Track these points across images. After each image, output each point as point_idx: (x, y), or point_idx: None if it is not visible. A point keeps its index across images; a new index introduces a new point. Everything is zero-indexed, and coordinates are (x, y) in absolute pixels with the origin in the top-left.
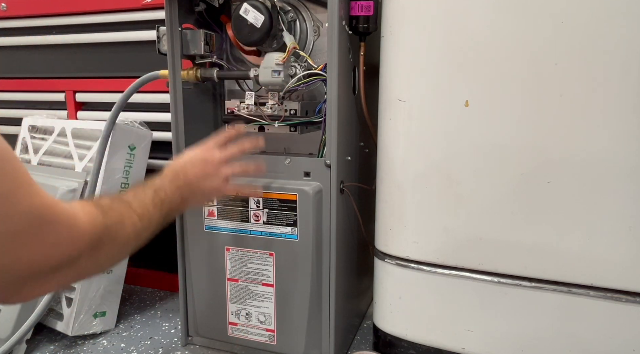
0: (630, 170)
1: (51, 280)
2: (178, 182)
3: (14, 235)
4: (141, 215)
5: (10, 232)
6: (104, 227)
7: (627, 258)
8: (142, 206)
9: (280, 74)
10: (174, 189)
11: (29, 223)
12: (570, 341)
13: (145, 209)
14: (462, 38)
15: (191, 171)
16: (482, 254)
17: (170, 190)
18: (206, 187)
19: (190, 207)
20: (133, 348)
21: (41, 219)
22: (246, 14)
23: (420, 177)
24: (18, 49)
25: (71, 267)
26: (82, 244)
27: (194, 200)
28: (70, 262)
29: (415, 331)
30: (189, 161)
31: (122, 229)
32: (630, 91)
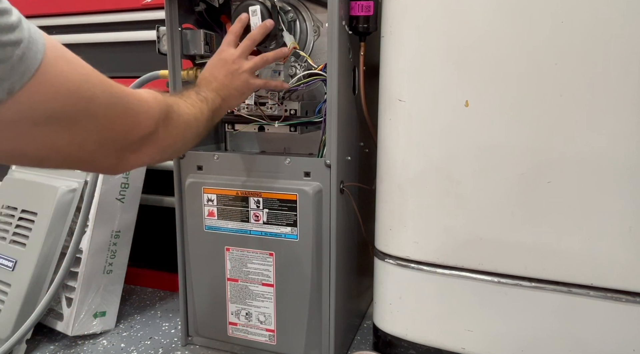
0: (630, 170)
1: (144, 149)
2: (212, 85)
3: (107, 116)
4: (192, 104)
5: (103, 115)
6: (167, 105)
7: (627, 258)
8: (191, 100)
9: (280, 74)
10: (211, 91)
11: (115, 106)
12: (570, 341)
13: (194, 102)
14: (462, 38)
15: (218, 73)
16: (482, 254)
17: (209, 93)
18: (237, 84)
19: (230, 107)
20: (133, 348)
21: (120, 101)
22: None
23: (420, 177)
24: None
25: (153, 138)
26: (156, 116)
27: (231, 98)
28: (152, 134)
29: (415, 331)
30: (212, 67)
31: (182, 109)
32: (630, 91)
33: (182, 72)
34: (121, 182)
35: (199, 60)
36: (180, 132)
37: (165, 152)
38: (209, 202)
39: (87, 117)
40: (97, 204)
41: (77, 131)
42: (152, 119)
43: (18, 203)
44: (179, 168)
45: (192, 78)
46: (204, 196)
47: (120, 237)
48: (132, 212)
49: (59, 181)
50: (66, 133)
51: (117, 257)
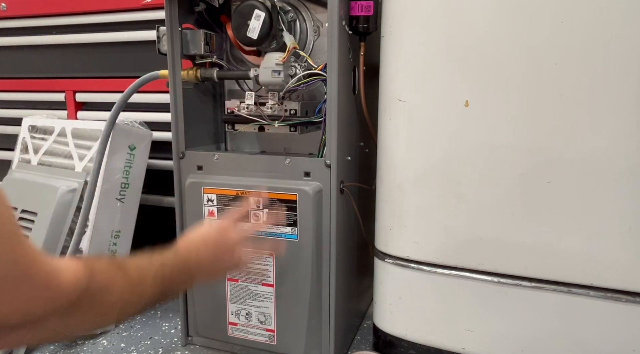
0: (630, 170)
1: (13, 334)
2: (189, 263)
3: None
4: (134, 287)
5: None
6: (84, 291)
7: (627, 258)
8: (140, 278)
9: (280, 74)
10: (182, 268)
11: (5, 273)
12: (570, 341)
13: (142, 282)
14: (462, 38)
15: (204, 254)
16: (482, 254)
17: (178, 269)
18: (218, 269)
19: (210, 280)
20: (133, 348)
21: (19, 270)
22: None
23: (421, 177)
24: (18, 49)
25: (38, 325)
26: (57, 303)
27: (204, 279)
28: (39, 320)
29: (415, 331)
30: (202, 243)
31: (106, 296)
32: (630, 91)
33: (182, 72)
34: (121, 182)
35: (199, 60)
36: (83, 323)
37: (45, 340)
38: (209, 202)
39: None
40: (97, 204)
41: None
42: (47, 306)
43: (18, 203)
44: (179, 168)
45: (192, 78)
46: (204, 196)
47: (120, 237)
48: (132, 212)
49: (59, 181)
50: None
51: (117, 257)
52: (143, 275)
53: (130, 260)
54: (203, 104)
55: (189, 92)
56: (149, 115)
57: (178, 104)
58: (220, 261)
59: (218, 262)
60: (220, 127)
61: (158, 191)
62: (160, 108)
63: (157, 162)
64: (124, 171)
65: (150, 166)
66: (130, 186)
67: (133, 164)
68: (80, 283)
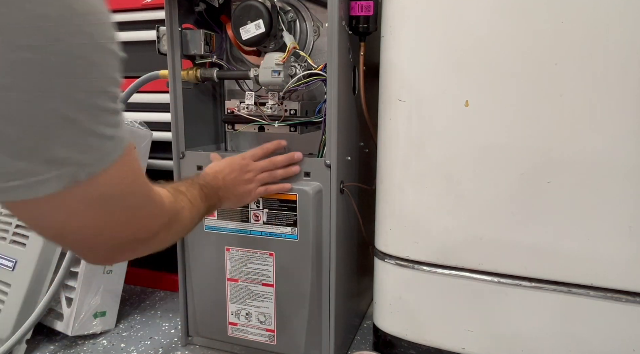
0: (630, 170)
1: (136, 249)
2: (217, 182)
3: (131, 209)
4: (193, 205)
5: (130, 207)
6: (175, 211)
7: (627, 258)
8: (194, 198)
9: (280, 74)
10: (214, 188)
11: (140, 202)
12: (570, 341)
13: (195, 201)
14: (462, 38)
15: (228, 176)
16: (482, 254)
17: (210, 189)
18: (239, 192)
19: (225, 206)
20: (133, 348)
21: (146, 199)
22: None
23: (421, 177)
24: None
25: (152, 240)
26: (164, 221)
27: (229, 201)
28: (154, 235)
29: (415, 331)
30: (227, 166)
31: (184, 214)
32: (630, 91)
33: (182, 72)
34: None
35: (199, 60)
36: (174, 236)
37: (151, 250)
38: None
39: (124, 209)
40: None
41: (112, 219)
42: (158, 225)
43: None
44: (179, 168)
45: (192, 78)
46: None
47: None
48: None
49: None
50: (103, 219)
51: (173, 184)
52: (194, 196)
53: (182, 185)
54: (203, 104)
55: (189, 92)
56: (149, 115)
57: (178, 104)
58: (242, 183)
59: (240, 183)
60: (220, 127)
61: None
62: (160, 108)
63: (157, 162)
64: None
65: (150, 166)
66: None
67: None
68: (172, 205)
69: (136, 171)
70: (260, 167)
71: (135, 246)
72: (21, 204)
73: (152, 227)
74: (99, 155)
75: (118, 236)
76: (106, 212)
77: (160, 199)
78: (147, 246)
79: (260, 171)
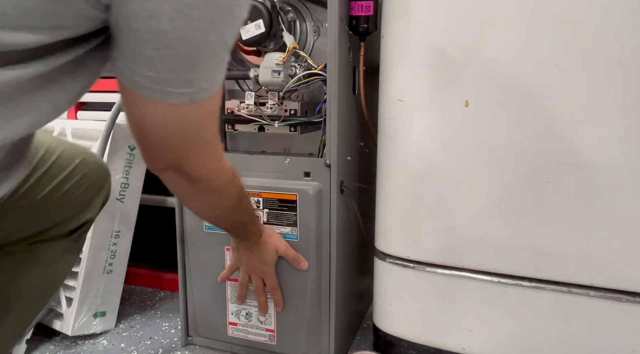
0: (630, 170)
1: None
2: (260, 231)
3: (204, 140)
4: (244, 192)
5: (204, 138)
6: (235, 173)
7: (627, 258)
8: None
9: (280, 74)
10: (258, 227)
11: (212, 137)
12: (570, 341)
13: (247, 195)
14: (462, 38)
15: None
16: (482, 254)
17: (258, 224)
18: (254, 261)
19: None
20: (133, 348)
21: (216, 137)
22: (247, 30)
23: (421, 177)
24: None
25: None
26: (222, 167)
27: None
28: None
29: (415, 331)
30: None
31: (237, 182)
32: (630, 91)
33: None
34: (121, 182)
35: None
36: (223, 192)
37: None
38: None
39: (198, 137)
40: None
41: (188, 138)
42: (215, 166)
43: None
44: None
45: None
46: None
47: (120, 237)
48: (132, 212)
49: None
50: (184, 135)
51: (117, 257)
52: (249, 199)
53: None
54: None
55: None
56: None
57: None
58: (258, 263)
59: (257, 261)
60: (220, 127)
61: (158, 191)
62: None
63: None
64: (124, 171)
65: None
66: (130, 186)
67: (133, 164)
68: (234, 169)
69: (219, 108)
70: (272, 284)
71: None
72: (146, 100)
73: (209, 163)
74: (213, 85)
75: (178, 155)
76: (189, 131)
77: (223, 153)
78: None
79: (271, 283)
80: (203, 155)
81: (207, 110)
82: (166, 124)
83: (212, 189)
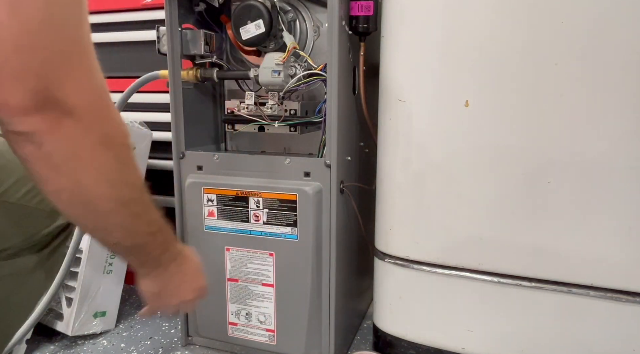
0: (630, 170)
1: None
2: (177, 250)
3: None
4: (135, 199)
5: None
6: (128, 140)
7: (627, 258)
8: (149, 205)
9: (280, 74)
10: (172, 244)
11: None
12: (570, 341)
13: (149, 198)
14: (462, 38)
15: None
16: (483, 254)
17: (171, 239)
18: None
19: (152, 273)
20: (133, 348)
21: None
22: (247, 30)
23: (420, 177)
24: None
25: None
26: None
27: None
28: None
29: (415, 331)
30: (197, 269)
31: (132, 161)
32: (630, 91)
33: (182, 72)
34: None
35: (199, 60)
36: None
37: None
38: (209, 202)
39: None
40: None
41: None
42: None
43: None
44: (179, 168)
45: (192, 78)
46: (204, 196)
47: None
48: None
49: None
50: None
51: (117, 257)
52: (151, 206)
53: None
54: (203, 104)
55: (189, 92)
56: (149, 115)
57: (178, 104)
58: (186, 284)
59: (182, 284)
60: (220, 127)
61: (158, 191)
62: (160, 108)
63: (157, 162)
64: None
65: (150, 166)
66: None
67: None
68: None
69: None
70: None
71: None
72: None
73: (91, 82)
74: None
75: (45, 73)
76: (57, 30)
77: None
78: (82, 125)
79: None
80: (81, 71)
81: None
82: (24, 21)
83: (106, 138)
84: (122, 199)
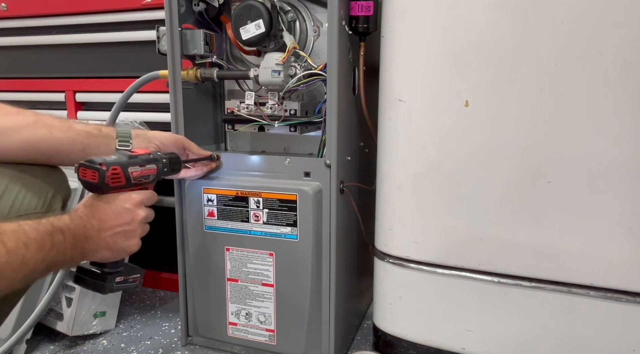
0: (630, 170)
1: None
2: (86, 232)
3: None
4: (10, 255)
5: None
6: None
7: (627, 258)
8: (24, 241)
9: (280, 74)
10: (75, 240)
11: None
12: (570, 341)
13: (22, 248)
14: (462, 38)
15: (107, 224)
16: (482, 254)
17: (73, 238)
18: (117, 245)
19: (93, 259)
20: (133, 348)
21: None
22: (247, 29)
23: (420, 177)
24: (18, 49)
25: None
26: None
27: (98, 254)
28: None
29: (415, 331)
30: (111, 213)
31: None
32: (630, 91)
33: (182, 72)
34: None
35: (199, 60)
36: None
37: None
38: (209, 202)
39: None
40: None
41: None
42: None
43: None
44: None
45: (192, 78)
46: (204, 196)
47: None
48: None
49: None
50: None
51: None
52: (25, 242)
53: (25, 224)
54: (203, 104)
55: (189, 92)
56: (149, 115)
57: (178, 104)
58: (124, 235)
59: (121, 236)
60: (220, 127)
61: (158, 191)
62: (160, 108)
63: None
64: None
65: None
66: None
67: None
68: None
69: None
70: (147, 217)
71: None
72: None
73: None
74: None
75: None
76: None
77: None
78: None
79: (146, 221)
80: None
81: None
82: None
83: None
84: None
